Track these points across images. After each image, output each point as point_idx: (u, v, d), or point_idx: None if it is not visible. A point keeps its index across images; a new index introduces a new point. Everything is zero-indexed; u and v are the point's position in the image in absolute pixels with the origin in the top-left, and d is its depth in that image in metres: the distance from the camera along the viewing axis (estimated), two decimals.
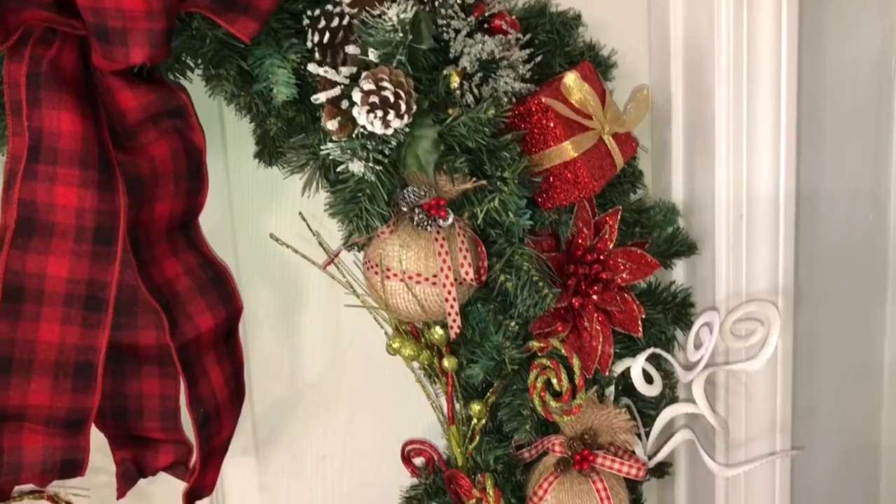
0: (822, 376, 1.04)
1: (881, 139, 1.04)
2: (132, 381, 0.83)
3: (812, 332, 1.01)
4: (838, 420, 1.07)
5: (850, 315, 1.06)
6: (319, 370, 0.96)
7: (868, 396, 1.09)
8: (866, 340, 1.07)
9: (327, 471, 0.99)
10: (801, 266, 0.97)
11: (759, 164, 0.93)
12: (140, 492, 0.92)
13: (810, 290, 1.00)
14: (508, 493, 0.89)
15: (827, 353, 1.04)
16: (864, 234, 1.04)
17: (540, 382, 0.85)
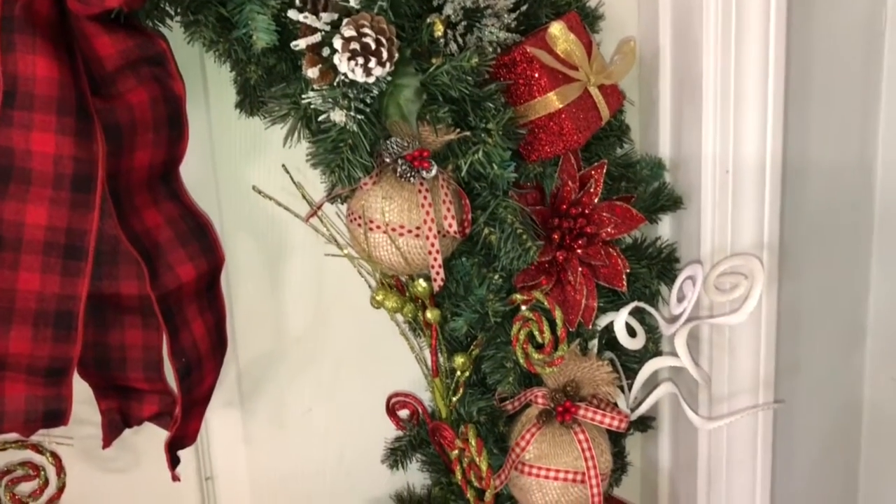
0: (806, 332, 1.04)
1: (870, 97, 1.03)
2: (115, 331, 0.82)
3: (797, 289, 1.01)
4: (821, 376, 1.07)
5: (835, 271, 1.06)
6: (304, 323, 0.96)
7: (851, 353, 1.09)
8: (851, 297, 1.08)
9: (312, 424, 0.99)
10: (786, 222, 0.97)
11: (747, 120, 0.92)
12: (126, 443, 0.93)
13: (796, 247, 1.00)
14: (491, 444, 0.90)
15: (811, 309, 1.04)
16: (850, 190, 1.04)
17: (523, 335, 0.85)
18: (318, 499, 1.00)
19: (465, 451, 0.86)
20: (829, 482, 1.12)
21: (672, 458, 1.08)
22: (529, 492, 0.88)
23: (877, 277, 1.08)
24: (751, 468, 1.01)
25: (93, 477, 0.94)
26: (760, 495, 1.02)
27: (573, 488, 0.87)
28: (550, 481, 0.87)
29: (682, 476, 1.07)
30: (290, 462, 0.99)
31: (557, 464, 0.87)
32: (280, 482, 0.99)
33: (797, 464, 1.08)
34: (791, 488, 1.08)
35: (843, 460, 1.12)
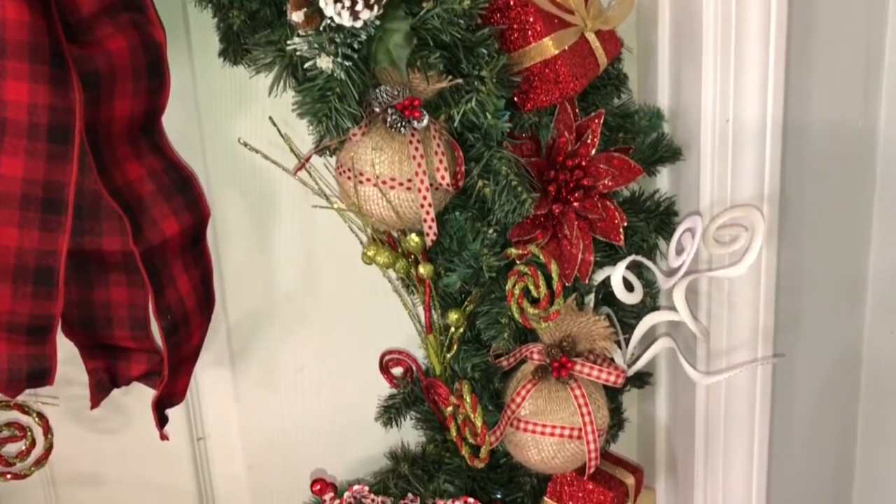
0: (806, 286, 1.03)
1: (873, 42, 1.00)
2: (99, 288, 0.80)
3: (797, 241, 0.99)
4: (821, 330, 1.06)
5: (836, 224, 1.04)
6: (294, 281, 0.94)
7: (852, 306, 1.08)
8: (852, 250, 1.06)
9: (304, 383, 0.98)
10: (787, 174, 0.94)
11: (748, 68, 0.89)
12: (115, 403, 0.92)
13: (796, 199, 0.98)
14: (486, 400, 0.88)
15: (812, 262, 1.02)
16: (852, 140, 1.02)
17: (518, 289, 0.83)
18: (312, 458, 0.99)
19: (460, 408, 0.84)
20: (827, 437, 1.12)
21: (669, 413, 1.07)
22: (525, 448, 0.87)
23: (878, 230, 1.06)
24: (749, 423, 1.00)
25: (81, 438, 0.92)
26: (758, 450, 1.02)
27: (569, 444, 0.86)
28: (546, 437, 0.85)
29: (679, 432, 1.06)
30: (282, 421, 0.98)
31: (553, 420, 0.85)
32: (273, 441, 0.98)
33: (795, 419, 1.07)
34: (789, 443, 1.07)
35: (841, 414, 1.12)
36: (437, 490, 0.91)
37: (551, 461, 0.86)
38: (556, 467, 0.87)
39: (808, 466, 1.11)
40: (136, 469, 0.95)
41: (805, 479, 1.12)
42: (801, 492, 1.12)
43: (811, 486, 1.13)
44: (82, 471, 0.94)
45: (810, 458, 1.11)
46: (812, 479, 1.12)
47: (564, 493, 0.93)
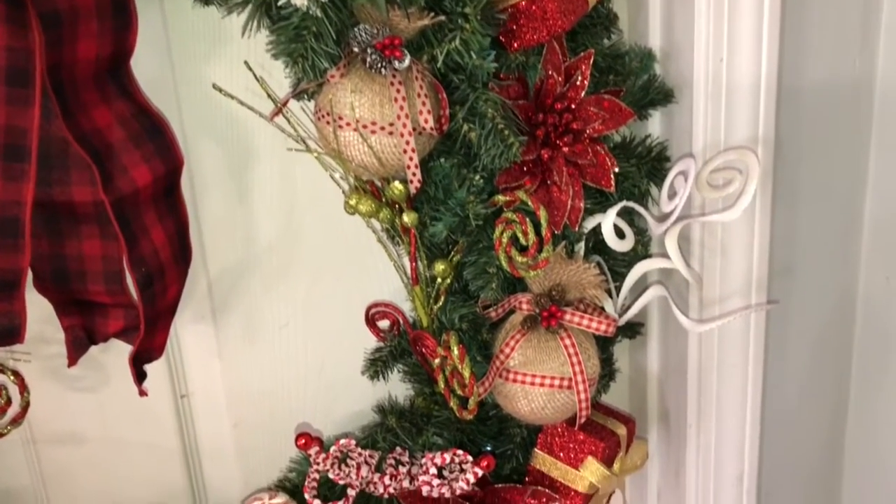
0: (801, 232, 1.00)
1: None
2: (71, 241, 0.77)
3: (792, 186, 0.97)
4: (816, 277, 1.04)
5: (832, 169, 1.01)
6: (276, 234, 0.91)
7: (847, 252, 1.06)
8: (848, 195, 1.03)
9: (289, 338, 0.95)
10: (782, 117, 0.91)
11: (743, 6, 0.86)
12: (94, 361, 0.89)
13: (792, 143, 0.95)
14: (474, 351, 0.86)
15: (807, 207, 1.00)
16: (850, 81, 0.99)
17: (506, 237, 0.80)
18: (298, 414, 0.98)
19: (448, 359, 0.82)
20: (821, 384, 1.11)
21: (661, 364, 1.05)
22: (514, 399, 0.85)
23: (874, 175, 1.04)
24: (742, 372, 0.99)
25: (61, 397, 0.90)
26: (752, 399, 1.00)
27: (559, 394, 0.84)
28: (536, 388, 0.84)
29: (671, 382, 1.04)
30: (267, 378, 0.96)
31: (543, 370, 0.83)
32: (258, 398, 0.96)
33: (789, 366, 1.06)
34: (783, 391, 1.06)
35: (835, 362, 1.10)
36: (426, 443, 0.89)
37: (541, 412, 0.84)
38: (547, 418, 0.85)
39: (801, 415, 1.10)
40: (119, 428, 0.93)
41: (799, 427, 1.11)
42: (794, 440, 1.11)
43: (805, 434, 1.12)
44: (63, 430, 0.92)
45: (804, 406, 1.10)
46: (806, 426, 1.12)
47: (555, 445, 0.91)
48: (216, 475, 0.98)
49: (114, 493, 0.95)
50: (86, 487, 0.94)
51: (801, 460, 1.14)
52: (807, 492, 1.16)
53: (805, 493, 1.16)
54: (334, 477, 0.84)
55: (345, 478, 0.84)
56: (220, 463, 0.97)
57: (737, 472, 1.04)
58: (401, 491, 0.87)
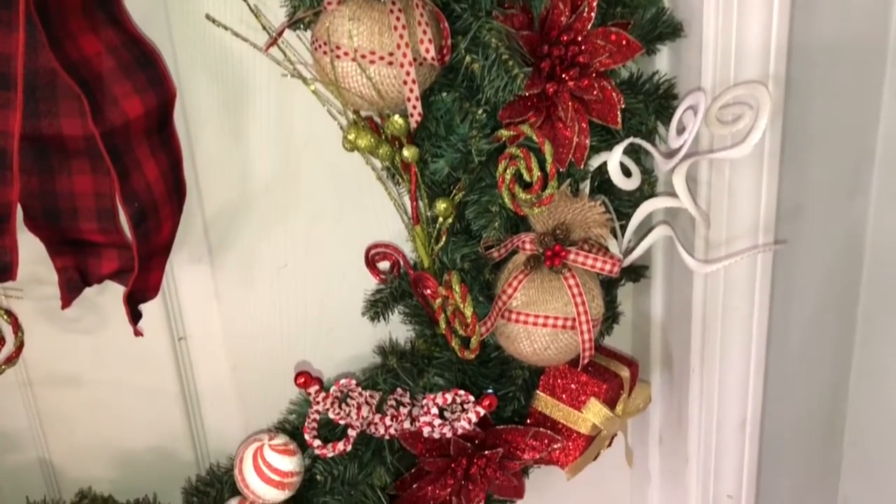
0: (810, 173, 0.98)
1: None
2: (62, 177, 0.75)
3: (802, 125, 0.94)
4: (824, 219, 1.02)
5: (843, 107, 0.98)
6: (273, 173, 0.89)
7: (856, 194, 1.03)
8: (859, 135, 1.01)
9: (288, 280, 0.93)
10: (794, 52, 0.88)
11: None
12: (89, 303, 0.88)
13: (803, 79, 0.92)
14: (476, 292, 0.85)
15: (816, 147, 0.97)
16: (864, 18, 0.95)
17: (509, 174, 0.78)
18: (298, 357, 0.96)
19: (449, 299, 0.81)
20: (827, 327, 1.09)
21: (665, 308, 1.04)
22: (517, 340, 0.83)
23: (887, 113, 1.01)
24: (747, 315, 0.97)
25: (56, 339, 0.89)
26: (756, 344, 0.99)
27: (563, 335, 0.83)
28: (539, 328, 0.82)
29: (675, 326, 1.03)
30: (266, 320, 0.94)
31: (546, 310, 0.82)
32: (257, 341, 0.95)
33: (795, 311, 1.04)
34: (788, 336, 1.05)
35: (841, 305, 1.09)
36: (426, 385, 0.88)
37: (544, 352, 0.83)
38: (549, 359, 0.84)
39: (806, 360, 1.09)
40: (116, 370, 0.92)
41: (803, 372, 1.10)
42: (798, 383, 1.10)
43: (809, 380, 1.11)
44: (59, 372, 0.90)
45: (808, 351, 1.09)
46: (810, 372, 1.11)
47: (557, 386, 0.90)
48: (215, 418, 0.97)
49: (112, 435, 0.94)
50: (84, 429, 0.93)
51: (805, 406, 1.13)
52: (810, 438, 1.16)
53: (808, 439, 1.16)
54: (334, 417, 0.84)
55: (345, 418, 0.84)
56: (220, 406, 0.97)
57: (740, 418, 1.04)
58: (401, 432, 0.86)
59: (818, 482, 1.19)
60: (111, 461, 0.95)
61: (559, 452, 0.91)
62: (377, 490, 0.88)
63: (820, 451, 1.18)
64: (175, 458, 0.97)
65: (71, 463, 0.94)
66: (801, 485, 1.18)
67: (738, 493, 1.08)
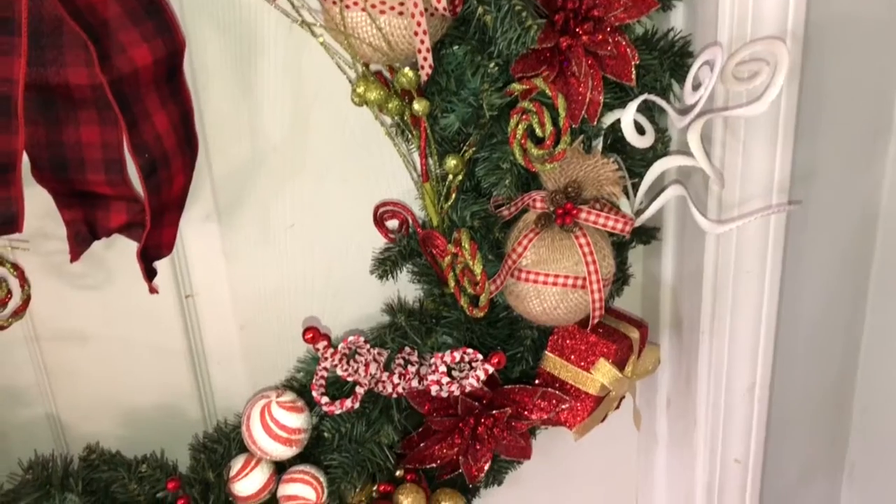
0: (826, 135, 0.97)
1: None
2: (68, 127, 0.74)
3: (819, 85, 0.92)
4: (839, 182, 1.01)
5: (862, 68, 0.97)
6: (282, 131, 0.88)
7: (872, 157, 1.02)
8: (878, 97, 0.99)
9: (296, 239, 0.93)
10: (812, 10, 0.87)
11: None
12: (97, 258, 0.87)
13: (821, 37, 0.91)
14: (486, 250, 0.84)
15: (833, 109, 0.96)
16: None
17: (521, 129, 0.77)
18: (306, 317, 0.96)
19: (459, 257, 0.80)
20: (839, 294, 1.08)
21: (676, 270, 1.03)
22: (526, 299, 0.83)
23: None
24: (759, 278, 0.97)
25: (64, 294, 0.88)
26: (767, 307, 0.99)
27: (573, 294, 0.82)
28: (549, 287, 0.81)
29: (685, 289, 1.02)
30: (274, 279, 0.94)
31: (557, 269, 0.81)
32: (265, 300, 0.94)
33: (807, 275, 1.03)
34: (799, 300, 1.04)
35: (854, 271, 1.08)
36: (434, 344, 0.88)
37: (553, 312, 0.83)
38: (559, 318, 0.84)
39: (817, 322, 1.08)
40: (123, 327, 0.92)
41: (814, 335, 1.09)
42: (809, 348, 1.10)
43: (820, 343, 1.10)
44: (66, 328, 0.90)
45: (820, 315, 1.08)
46: (821, 335, 1.10)
47: (566, 347, 0.90)
48: (222, 377, 0.97)
49: (120, 392, 0.94)
50: (91, 386, 0.93)
51: (815, 371, 1.12)
52: (819, 404, 1.16)
53: (817, 405, 1.15)
54: (342, 373, 0.83)
55: (353, 374, 0.83)
56: (227, 365, 0.96)
57: (749, 381, 1.03)
58: (409, 390, 0.86)
59: (826, 448, 1.19)
60: (118, 417, 0.95)
61: (567, 413, 0.91)
62: (384, 448, 0.88)
63: (829, 418, 1.17)
64: (182, 416, 0.97)
65: (78, 418, 0.94)
66: (808, 450, 1.18)
67: (745, 457, 1.08)
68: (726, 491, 1.10)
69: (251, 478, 0.85)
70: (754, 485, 1.10)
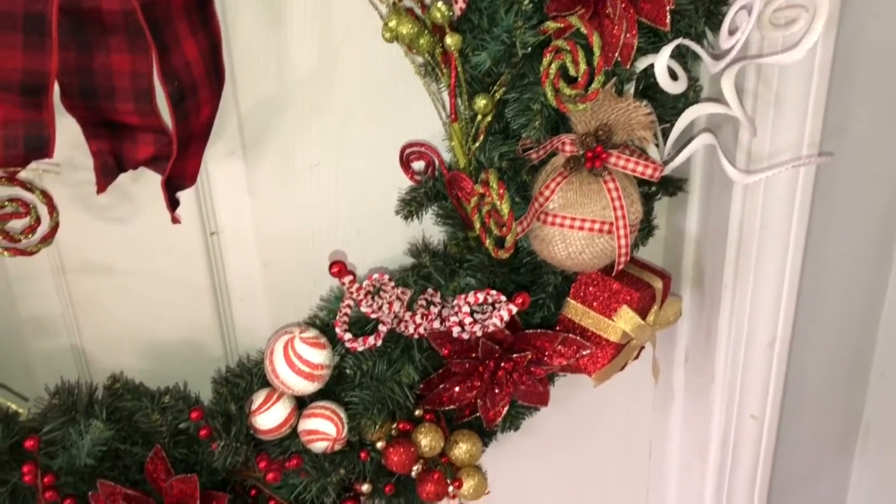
0: (860, 89, 0.95)
1: None
2: (99, 55, 0.74)
3: (857, 37, 0.91)
4: (870, 139, 0.99)
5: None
6: (309, 68, 0.87)
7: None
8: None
9: (321, 179, 0.92)
10: None
11: None
12: (124, 190, 0.87)
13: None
14: (513, 192, 0.84)
15: (869, 62, 0.94)
16: None
17: (554, 68, 0.76)
18: (333, 250, 0.96)
19: (486, 197, 0.80)
20: (863, 252, 1.08)
21: (700, 224, 1.02)
22: (552, 243, 0.83)
23: None
24: (784, 234, 0.96)
25: (90, 226, 0.89)
26: (792, 262, 0.98)
27: (599, 239, 0.82)
28: (575, 231, 0.81)
29: (709, 243, 1.02)
30: (298, 218, 0.94)
31: (584, 213, 0.81)
32: (288, 239, 0.94)
33: (832, 231, 1.03)
34: (825, 257, 1.03)
35: (882, 230, 1.07)
36: (457, 288, 0.88)
37: (579, 256, 0.82)
38: (584, 263, 0.83)
39: (841, 281, 1.08)
40: (148, 261, 0.92)
41: (836, 293, 1.09)
42: (831, 306, 1.09)
43: (842, 301, 1.10)
44: (92, 260, 0.91)
45: (844, 271, 1.08)
46: (844, 293, 1.09)
47: (589, 294, 0.90)
48: (244, 314, 0.97)
49: (144, 325, 0.95)
50: (116, 318, 0.94)
51: (836, 330, 1.12)
52: (838, 363, 1.15)
53: (836, 364, 1.15)
54: (366, 310, 0.84)
55: (376, 311, 0.83)
56: (249, 302, 0.97)
57: (769, 336, 1.03)
58: (431, 332, 0.86)
59: (842, 408, 1.19)
60: (141, 351, 0.96)
61: (587, 359, 0.91)
62: (404, 387, 0.88)
63: (846, 379, 1.17)
64: (204, 352, 0.97)
65: (102, 351, 0.95)
66: (824, 409, 1.18)
67: (761, 413, 1.08)
68: (741, 446, 1.10)
69: (273, 411, 0.85)
70: (769, 441, 1.10)
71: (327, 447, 0.86)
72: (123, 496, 0.83)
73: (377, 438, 0.90)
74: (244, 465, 0.89)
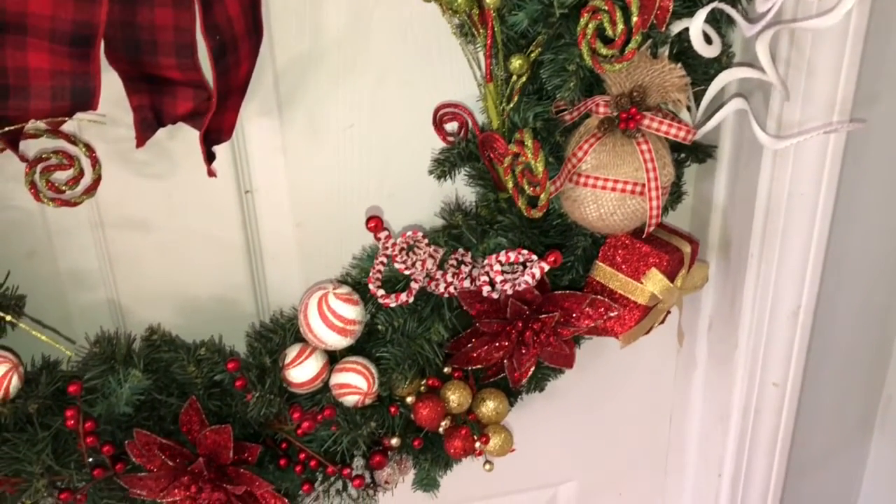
0: (893, 58, 0.95)
1: None
2: (143, 8, 0.75)
3: (892, 4, 0.91)
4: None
5: None
6: (345, 24, 0.88)
7: None
8: None
9: (354, 140, 0.94)
10: None
11: None
12: (162, 147, 0.89)
13: None
14: (546, 153, 0.84)
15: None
16: None
17: (591, 28, 0.77)
18: (362, 218, 0.97)
19: (520, 157, 0.80)
20: (891, 223, 1.08)
21: (728, 192, 1.03)
22: (583, 204, 0.84)
23: None
24: (813, 202, 0.97)
25: (129, 182, 0.90)
26: (819, 231, 0.99)
27: (630, 200, 0.83)
28: (608, 192, 0.82)
29: (736, 212, 1.03)
30: (331, 179, 0.95)
31: (616, 174, 0.82)
32: (322, 199, 0.96)
33: (860, 201, 1.03)
34: (852, 226, 1.04)
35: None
36: (487, 249, 0.89)
37: (610, 218, 0.83)
38: (615, 225, 0.84)
39: (867, 250, 1.08)
40: (184, 218, 0.94)
41: (862, 263, 1.09)
42: (856, 275, 1.10)
43: (867, 271, 1.10)
44: (130, 215, 0.92)
45: (870, 241, 1.08)
46: (869, 263, 1.10)
47: (618, 256, 0.91)
48: (277, 273, 0.99)
49: (178, 281, 0.97)
50: (152, 273, 0.96)
51: (859, 302, 1.13)
52: (861, 334, 1.16)
53: (859, 335, 1.16)
54: (400, 266, 0.85)
55: (410, 268, 0.85)
56: (282, 261, 0.98)
57: (793, 306, 1.04)
58: (461, 291, 0.87)
59: (864, 378, 1.20)
60: (176, 306, 0.98)
61: (614, 321, 0.92)
62: (434, 345, 0.90)
63: (869, 349, 1.18)
64: (237, 309, 0.99)
65: (137, 305, 0.97)
66: (846, 379, 1.19)
67: (783, 381, 1.09)
68: (762, 414, 1.11)
69: (306, 365, 0.87)
70: (790, 409, 1.11)
71: (358, 401, 0.88)
72: (158, 445, 0.85)
73: (407, 394, 0.92)
74: (276, 418, 0.91)
